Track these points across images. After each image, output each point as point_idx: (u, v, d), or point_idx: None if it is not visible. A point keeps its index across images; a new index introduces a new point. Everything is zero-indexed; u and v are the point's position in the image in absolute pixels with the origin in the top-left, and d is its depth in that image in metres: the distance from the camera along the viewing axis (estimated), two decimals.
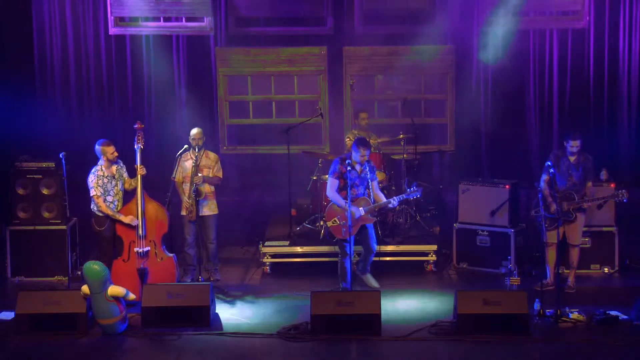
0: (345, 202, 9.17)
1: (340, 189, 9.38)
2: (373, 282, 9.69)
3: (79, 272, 9.89)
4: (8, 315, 8.86)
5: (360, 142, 9.36)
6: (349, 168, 9.17)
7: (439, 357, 8.05)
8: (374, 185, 9.46)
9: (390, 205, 9.46)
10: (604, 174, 10.44)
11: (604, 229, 10.34)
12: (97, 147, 9.40)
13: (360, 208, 9.34)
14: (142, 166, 9.37)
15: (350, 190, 9.24)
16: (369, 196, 9.41)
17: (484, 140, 12.50)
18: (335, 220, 9.42)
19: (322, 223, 10.64)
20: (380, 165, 10.94)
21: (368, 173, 9.34)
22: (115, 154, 9.45)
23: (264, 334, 8.43)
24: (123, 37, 12.39)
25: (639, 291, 9.06)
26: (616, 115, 12.32)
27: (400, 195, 9.58)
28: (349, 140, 11.30)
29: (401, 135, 11.31)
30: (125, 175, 9.59)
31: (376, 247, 9.64)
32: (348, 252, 9.39)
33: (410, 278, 10.24)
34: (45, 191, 10.38)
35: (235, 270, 10.62)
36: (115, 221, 9.39)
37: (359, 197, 9.40)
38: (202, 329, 8.55)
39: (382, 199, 9.51)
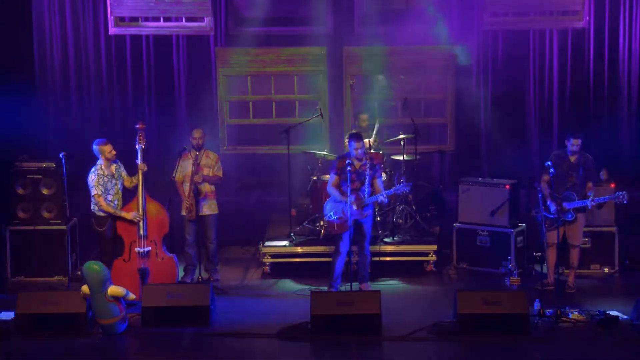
0: (342, 196, 9.27)
1: (340, 185, 9.40)
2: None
3: (79, 272, 9.90)
4: (8, 315, 8.86)
5: (352, 136, 9.42)
6: (347, 162, 9.23)
7: (439, 357, 8.05)
8: (377, 183, 9.44)
9: (379, 200, 9.40)
10: (604, 174, 10.45)
11: (604, 229, 10.35)
12: (94, 147, 9.42)
13: (353, 205, 9.30)
14: (143, 163, 9.39)
15: (346, 185, 9.29)
16: (372, 193, 9.37)
17: (484, 140, 12.49)
18: (330, 215, 9.44)
19: (322, 223, 10.64)
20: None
21: (368, 170, 9.32)
22: (113, 152, 9.46)
23: (264, 334, 8.43)
24: (123, 37, 12.39)
25: (639, 291, 9.06)
26: (616, 115, 12.31)
27: (388, 190, 9.52)
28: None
29: (401, 135, 11.31)
30: (124, 173, 9.60)
31: (369, 249, 9.59)
32: (341, 251, 9.41)
33: (410, 278, 10.25)
34: (45, 191, 10.38)
35: (235, 270, 10.62)
36: (116, 221, 9.40)
37: (350, 193, 9.36)
38: (202, 329, 8.56)
39: None
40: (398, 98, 12.39)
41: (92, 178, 9.36)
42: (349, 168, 9.13)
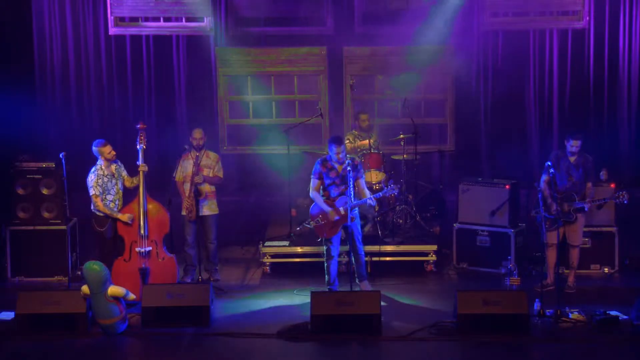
0: (324, 203, 9.30)
1: (324, 189, 9.42)
2: (369, 289, 9.60)
3: (79, 272, 9.90)
4: (8, 315, 8.86)
5: (332, 141, 9.36)
6: (328, 167, 9.27)
7: (439, 357, 8.05)
8: (360, 183, 9.42)
9: (368, 204, 9.40)
10: (604, 174, 10.45)
11: (604, 229, 10.35)
12: (94, 148, 9.43)
13: (340, 208, 9.30)
14: (144, 164, 9.39)
15: (330, 189, 9.31)
16: (356, 194, 9.36)
17: (484, 140, 12.50)
18: (318, 220, 9.43)
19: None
20: (380, 165, 10.95)
21: (350, 171, 9.25)
22: (113, 152, 9.47)
23: (264, 334, 8.43)
24: (123, 37, 12.39)
25: (639, 291, 9.05)
26: (616, 115, 12.32)
27: (377, 193, 9.54)
28: (348, 142, 11.23)
29: (401, 135, 11.31)
30: (125, 173, 9.61)
31: (362, 248, 9.56)
32: (333, 255, 9.42)
33: (410, 278, 10.25)
34: (45, 191, 10.38)
35: (235, 270, 10.63)
36: (117, 221, 9.40)
37: (335, 197, 9.37)
38: (202, 329, 8.56)
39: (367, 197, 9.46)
40: (398, 98, 12.39)
41: (91, 178, 9.37)
42: (349, 168, 9.12)
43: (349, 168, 9.15)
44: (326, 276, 9.51)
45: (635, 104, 12.23)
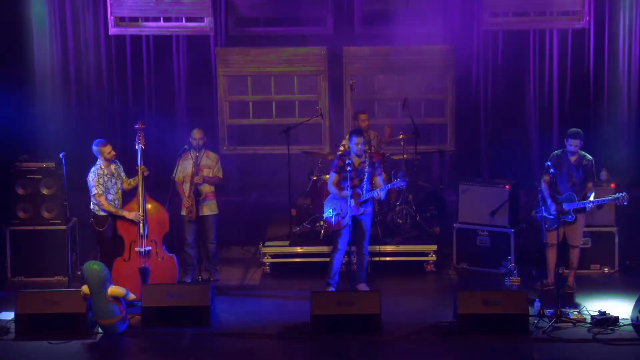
0: (339, 192, 9.33)
1: (339, 182, 9.45)
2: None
3: (79, 272, 9.90)
4: (8, 315, 8.86)
5: (353, 132, 9.51)
6: (346, 162, 9.28)
7: (439, 357, 8.05)
8: (377, 180, 9.46)
9: (376, 195, 9.41)
10: (604, 174, 10.45)
11: (604, 229, 10.35)
12: (94, 147, 9.44)
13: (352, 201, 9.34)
14: (143, 166, 9.39)
15: (345, 182, 9.33)
16: (371, 190, 9.40)
17: (484, 140, 12.49)
18: (330, 212, 9.45)
19: (322, 223, 10.64)
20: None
21: (367, 167, 9.33)
22: (113, 152, 9.47)
23: (264, 334, 8.43)
24: (123, 37, 12.38)
25: (639, 291, 9.06)
26: (616, 115, 12.30)
27: (385, 186, 9.55)
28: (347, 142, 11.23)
29: (401, 136, 11.31)
30: (123, 174, 9.61)
31: (368, 249, 9.61)
32: (339, 247, 9.41)
33: (410, 278, 10.25)
34: (45, 191, 10.38)
35: (235, 270, 10.63)
36: (117, 221, 9.40)
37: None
38: (202, 329, 8.56)
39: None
40: (398, 98, 12.39)
41: (92, 178, 9.37)
42: (348, 168, 9.16)
43: (349, 165, 9.18)
44: (328, 269, 9.50)
45: (635, 104, 12.21)
